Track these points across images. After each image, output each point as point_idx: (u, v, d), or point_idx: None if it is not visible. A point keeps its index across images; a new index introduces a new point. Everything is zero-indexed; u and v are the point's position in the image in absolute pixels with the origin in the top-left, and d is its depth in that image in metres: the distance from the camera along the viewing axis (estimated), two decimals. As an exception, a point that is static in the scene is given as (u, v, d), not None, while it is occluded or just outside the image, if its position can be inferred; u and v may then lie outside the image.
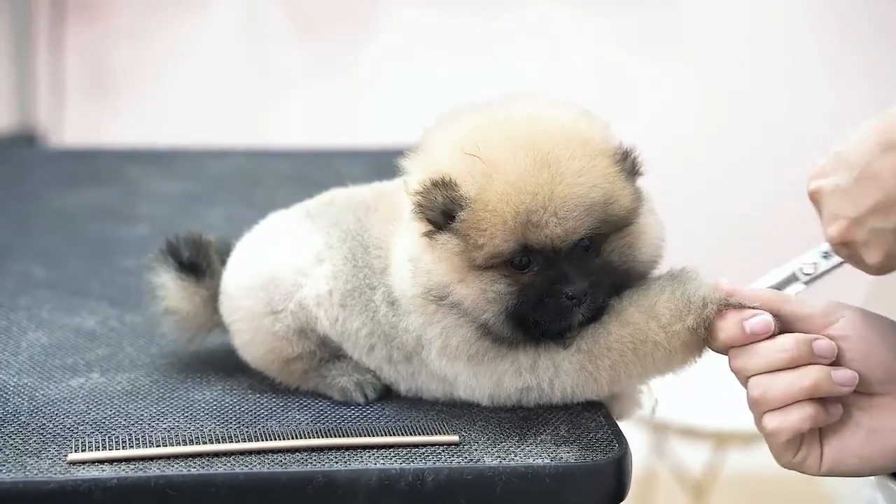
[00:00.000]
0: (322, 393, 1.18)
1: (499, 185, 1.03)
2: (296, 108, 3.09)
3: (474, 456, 1.04)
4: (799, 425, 1.02)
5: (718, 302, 1.05)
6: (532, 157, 1.04)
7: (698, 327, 1.05)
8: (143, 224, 1.83)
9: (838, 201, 1.03)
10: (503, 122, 1.07)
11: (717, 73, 3.09)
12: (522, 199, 1.03)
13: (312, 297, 1.15)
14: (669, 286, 1.07)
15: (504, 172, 1.03)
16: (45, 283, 1.53)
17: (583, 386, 1.09)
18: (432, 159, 1.07)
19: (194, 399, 1.17)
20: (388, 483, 1.02)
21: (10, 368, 1.24)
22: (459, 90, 3.06)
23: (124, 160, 2.24)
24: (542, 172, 1.03)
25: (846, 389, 1.02)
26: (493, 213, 1.03)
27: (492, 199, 1.03)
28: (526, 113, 1.08)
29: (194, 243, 1.26)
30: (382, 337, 1.14)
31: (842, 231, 1.03)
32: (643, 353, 1.06)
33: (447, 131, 1.09)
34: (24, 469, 1.00)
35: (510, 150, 1.04)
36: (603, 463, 1.04)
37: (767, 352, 1.03)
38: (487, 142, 1.05)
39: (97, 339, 1.33)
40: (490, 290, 1.05)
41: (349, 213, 1.18)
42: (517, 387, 1.09)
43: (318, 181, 2.04)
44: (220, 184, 2.09)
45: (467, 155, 1.04)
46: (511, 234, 1.03)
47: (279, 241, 1.19)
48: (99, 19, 3.05)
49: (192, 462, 1.03)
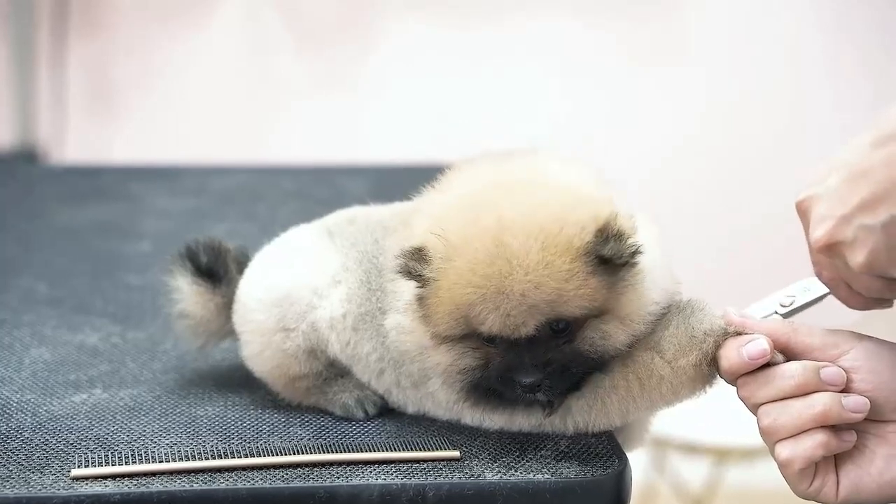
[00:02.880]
0: (323, 408, 1.18)
1: (451, 272, 1.01)
2: (298, 123, 3.10)
3: (475, 471, 1.05)
4: (812, 453, 1.01)
5: (717, 334, 1.04)
6: (489, 248, 1.00)
7: (700, 363, 1.05)
8: (146, 241, 1.84)
9: (826, 203, 1.00)
10: (482, 199, 1.04)
11: (722, 83, 3.09)
12: (466, 292, 1.01)
13: (326, 320, 1.15)
14: (675, 320, 1.06)
15: (461, 258, 1.01)
16: (49, 300, 1.54)
17: (595, 421, 1.09)
18: (421, 222, 1.06)
19: (196, 415, 1.18)
20: (390, 498, 1.02)
21: (14, 385, 1.24)
22: (462, 104, 3.08)
23: (127, 177, 2.25)
24: (493, 265, 1.00)
25: (858, 416, 1.01)
26: (441, 300, 1.02)
27: (443, 286, 1.02)
28: (506, 191, 1.04)
29: (213, 249, 1.26)
30: (392, 363, 1.14)
31: (828, 231, 0.99)
32: (650, 388, 1.06)
33: (443, 194, 1.09)
34: (28, 485, 1.01)
35: (472, 236, 1.01)
36: (603, 478, 1.05)
37: (774, 379, 1.02)
38: (456, 221, 1.03)
39: (100, 355, 1.34)
40: (458, 363, 1.05)
41: (368, 233, 1.17)
42: (530, 424, 1.10)
43: (321, 198, 2.07)
44: (223, 200, 2.09)
45: (434, 235, 1.03)
46: (457, 322, 1.02)
47: (297, 257, 1.19)
48: (101, 35, 3.06)
49: (195, 477, 1.03)
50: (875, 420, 1.03)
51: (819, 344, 1.03)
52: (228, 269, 1.25)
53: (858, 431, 1.03)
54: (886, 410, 1.02)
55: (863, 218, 0.97)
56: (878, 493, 1.03)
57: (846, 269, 1.01)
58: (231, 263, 1.26)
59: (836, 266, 1.02)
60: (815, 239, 1.01)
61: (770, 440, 1.03)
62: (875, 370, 1.02)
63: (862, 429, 1.03)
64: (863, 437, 1.03)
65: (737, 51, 3.08)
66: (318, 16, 3.07)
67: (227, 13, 3.07)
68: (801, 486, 1.03)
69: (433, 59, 3.10)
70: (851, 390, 1.02)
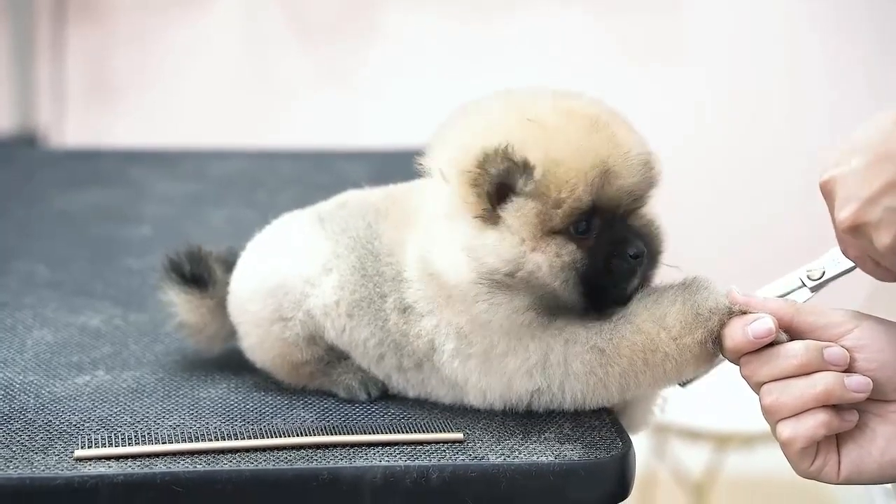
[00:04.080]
0: (326, 391, 1.18)
1: (565, 144, 1.04)
2: (297, 112, 3.09)
3: (479, 453, 1.05)
4: (813, 432, 1.01)
5: (722, 312, 1.05)
6: (584, 121, 1.06)
7: (706, 340, 1.05)
8: (146, 225, 1.84)
9: (851, 184, 1.00)
10: (532, 98, 1.08)
11: (720, 79, 3.09)
12: (597, 152, 1.04)
13: (319, 307, 1.15)
14: (681, 297, 1.06)
15: (565, 133, 1.04)
16: (50, 282, 1.54)
17: (593, 392, 1.08)
18: (470, 138, 1.06)
19: (199, 396, 1.18)
20: (393, 480, 1.02)
21: (16, 366, 1.24)
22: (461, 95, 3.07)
23: (126, 161, 2.24)
24: (598, 133, 1.05)
25: (860, 396, 1.01)
26: (570, 168, 1.03)
27: (564, 156, 1.04)
28: (550, 92, 1.09)
29: (194, 256, 1.27)
30: (392, 346, 1.14)
31: (854, 212, 1.00)
32: (653, 364, 1.06)
33: (476, 116, 1.09)
34: (31, 465, 1.01)
35: (560, 115, 1.06)
36: (606, 461, 1.05)
37: (777, 359, 1.02)
38: (534, 111, 1.06)
39: (102, 337, 1.34)
40: (563, 254, 1.04)
41: (360, 218, 1.17)
42: (528, 388, 1.09)
43: (321, 183, 2.06)
44: (222, 185, 2.09)
45: (526, 121, 1.05)
46: (590, 186, 1.04)
47: (288, 246, 1.19)
48: (100, 22, 3.05)
49: (198, 459, 1.03)
50: (877, 400, 1.03)
51: (822, 323, 1.03)
52: (213, 272, 1.26)
53: (860, 411, 1.03)
54: (889, 390, 1.02)
55: (888, 200, 0.98)
56: (879, 473, 1.03)
57: (872, 247, 1.01)
58: (214, 265, 1.26)
59: (862, 246, 1.03)
60: (840, 220, 1.02)
61: (772, 419, 1.03)
62: (878, 350, 1.02)
63: (864, 408, 1.03)
64: (864, 416, 1.03)
65: (736, 49, 3.08)
66: (318, 2, 3.07)
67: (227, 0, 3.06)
68: (803, 466, 1.03)
69: (432, 51, 3.10)
70: (854, 370, 1.02)
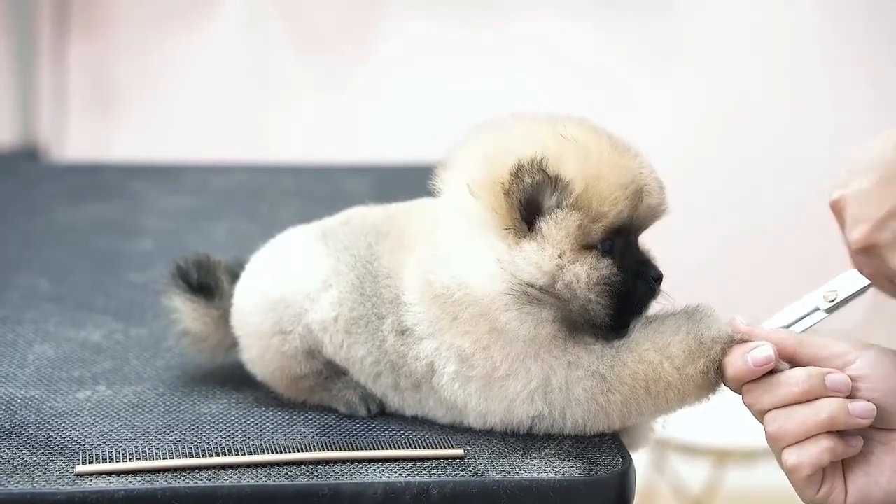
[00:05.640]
0: (327, 406, 1.18)
1: (599, 161, 1.05)
2: (297, 122, 3.10)
3: (479, 470, 1.05)
4: (818, 459, 1.01)
5: (725, 341, 1.05)
6: (608, 142, 1.07)
7: (708, 370, 1.05)
8: (147, 238, 1.84)
9: (861, 205, 1.00)
10: (553, 119, 1.10)
11: (719, 83, 3.09)
12: (631, 170, 1.06)
13: (318, 322, 1.15)
14: (685, 326, 1.06)
15: (598, 151, 1.06)
16: (51, 296, 1.54)
17: (594, 418, 1.08)
18: (504, 151, 1.07)
19: (200, 412, 1.18)
20: (394, 496, 1.02)
21: (17, 381, 1.24)
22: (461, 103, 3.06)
23: (128, 175, 2.25)
24: (624, 153, 1.07)
25: (865, 421, 1.01)
26: (611, 183, 1.05)
27: (602, 172, 1.05)
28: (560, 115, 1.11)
29: (202, 265, 1.27)
30: (389, 365, 1.14)
31: (865, 234, 1.00)
32: (656, 393, 1.06)
33: (503, 133, 1.10)
34: (32, 481, 1.01)
35: (588, 134, 1.07)
36: (606, 477, 1.05)
37: (779, 386, 1.02)
38: (565, 129, 1.07)
39: (103, 352, 1.34)
40: (601, 268, 1.05)
41: (362, 236, 1.17)
42: (529, 414, 1.09)
43: (321, 197, 2.07)
44: (223, 199, 2.10)
45: (560, 136, 1.06)
46: (629, 202, 1.06)
47: (291, 261, 1.19)
48: (102, 34, 3.06)
49: (199, 474, 1.03)
50: (882, 429, 1.02)
51: (825, 355, 1.03)
52: (220, 282, 1.26)
53: (866, 440, 1.02)
54: (893, 419, 1.02)
55: None
56: (884, 500, 1.02)
57: (886, 267, 1.01)
58: (222, 276, 1.26)
59: (875, 265, 1.02)
60: (853, 241, 1.02)
61: (777, 446, 1.03)
62: (881, 379, 1.02)
63: (869, 437, 1.03)
64: (870, 445, 1.03)
65: (736, 51, 3.08)
66: (319, 15, 3.08)
67: (229, 12, 3.07)
68: (809, 493, 1.03)
69: (433, 59, 3.10)
70: (858, 398, 1.01)
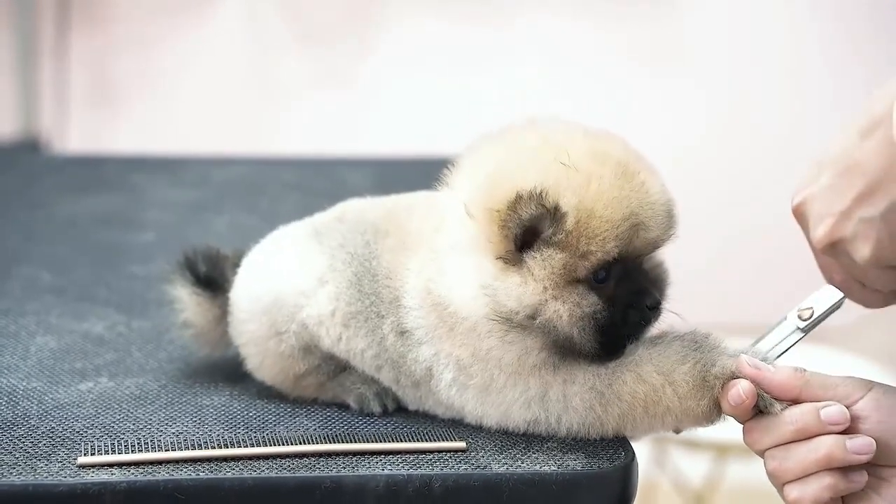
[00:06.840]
0: (338, 401, 1.18)
1: (597, 193, 1.02)
2: (298, 117, 3.10)
3: (481, 462, 1.05)
4: (819, 495, 1.00)
5: (726, 378, 1.04)
6: (616, 168, 1.04)
7: (711, 410, 1.05)
8: (149, 231, 1.84)
9: (823, 201, 0.99)
10: (565, 136, 1.06)
11: (719, 83, 3.10)
12: (629, 203, 1.03)
13: (314, 317, 1.15)
14: (692, 357, 1.05)
15: (598, 181, 1.03)
16: (53, 289, 1.54)
17: (589, 427, 1.08)
18: (501, 177, 1.04)
19: (202, 404, 1.18)
20: (396, 489, 1.02)
21: (20, 372, 1.24)
22: (461, 100, 3.08)
23: (129, 167, 2.24)
24: (630, 180, 1.04)
25: (863, 457, 1.00)
26: (602, 220, 1.02)
27: (597, 206, 1.02)
28: (581, 131, 1.07)
29: (211, 258, 1.26)
30: (390, 362, 1.13)
31: (829, 229, 0.98)
32: (654, 414, 1.06)
33: (506, 151, 1.07)
34: (35, 472, 1.01)
35: (594, 160, 1.04)
36: (609, 470, 1.05)
37: (776, 426, 1.02)
38: (567, 153, 1.04)
39: (105, 344, 1.34)
40: (584, 304, 1.04)
41: (358, 234, 1.16)
42: (525, 419, 1.09)
43: (322, 190, 2.06)
44: (224, 192, 2.09)
45: (561, 165, 1.03)
46: (619, 239, 1.03)
47: (282, 262, 1.18)
48: (103, 28, 3.06)
49: (201, 466, 1.03)
50: (886, 465, 1.02)
51: (829, 396, 1.02)
52: (227, 278, 1.24)
53: (869, 474, 1.02)
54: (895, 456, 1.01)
55: (862, 210, 0.96)
56: None
57: (854, 266, 1.00)
58: (229, 271, 1.25)
59: (843, 265, 1.01)
60: (817, 239, 1.00)
61: (777, 483, 1.03)
62: (884, 417, 1.01)
63: (872, 473, 1.02)
64: (872, 481, 1.02)
65: (736, 51, 3.09)
66: (320, 9, 3.07)
67: (230, 6, 3.07)
68: None
69: (432, 56, 3.10)
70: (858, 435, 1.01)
